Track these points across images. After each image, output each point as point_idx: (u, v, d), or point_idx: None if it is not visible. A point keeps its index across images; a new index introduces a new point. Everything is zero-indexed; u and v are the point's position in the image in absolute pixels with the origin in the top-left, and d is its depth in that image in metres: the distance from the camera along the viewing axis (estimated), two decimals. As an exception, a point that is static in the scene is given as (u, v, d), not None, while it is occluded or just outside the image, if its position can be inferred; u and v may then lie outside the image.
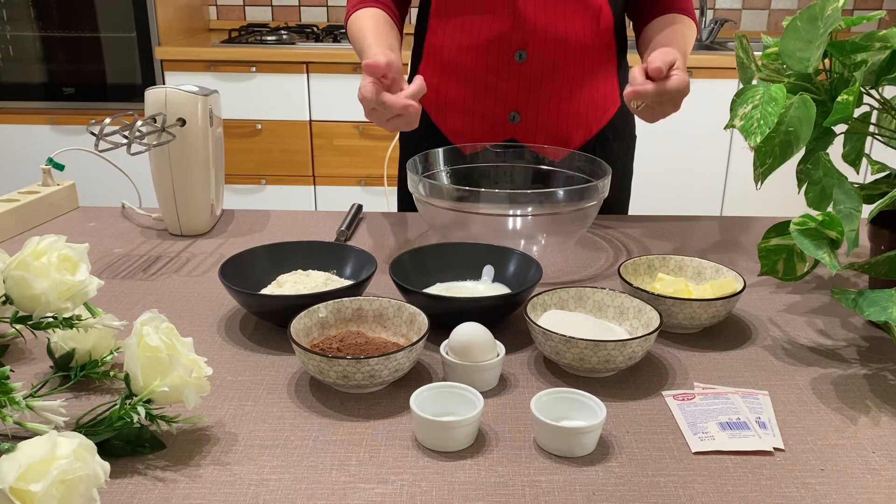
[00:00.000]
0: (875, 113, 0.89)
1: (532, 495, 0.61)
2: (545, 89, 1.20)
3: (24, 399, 0.61)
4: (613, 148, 1.28)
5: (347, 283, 0.91)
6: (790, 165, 2.40)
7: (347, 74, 2.68)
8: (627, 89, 0.95)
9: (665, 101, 0.97)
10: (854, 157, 0.91)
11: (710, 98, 2.70)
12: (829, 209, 0.82)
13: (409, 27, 2.74)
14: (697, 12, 3.09)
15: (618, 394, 0.75)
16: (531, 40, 1.16)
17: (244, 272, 0.91)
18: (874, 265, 0.82)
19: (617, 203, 1.33)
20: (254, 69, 2.68)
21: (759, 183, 0.88)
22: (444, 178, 1.16)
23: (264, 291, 0.90)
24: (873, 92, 0.86)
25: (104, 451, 0.63)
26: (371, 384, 0.72)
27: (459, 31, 1.19)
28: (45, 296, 0.66)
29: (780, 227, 0.89)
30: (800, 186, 0.91)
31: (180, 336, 0.66)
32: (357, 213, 1.23)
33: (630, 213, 1.37)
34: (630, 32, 1.26)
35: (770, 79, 0.91)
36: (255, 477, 0.63)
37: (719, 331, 0.88)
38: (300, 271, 0.93)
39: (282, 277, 0.91)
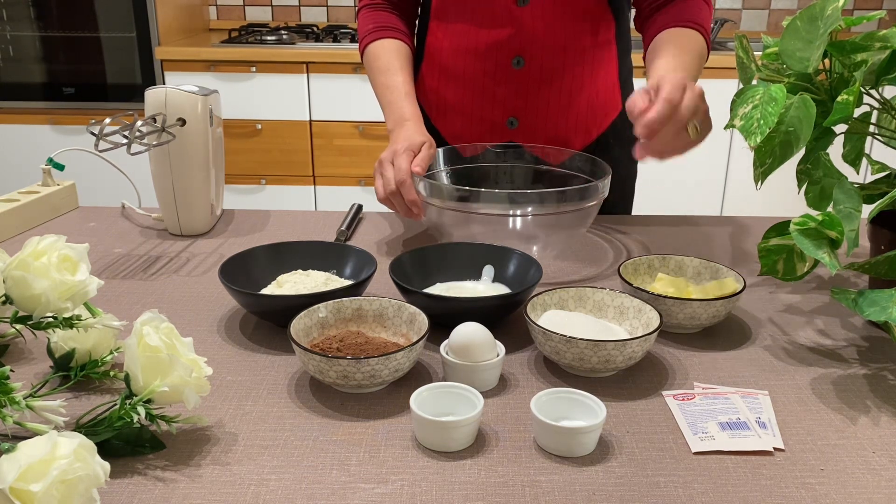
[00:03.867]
0: (875, 113, 0.89)
1: (532, 495, 0.61)
2: (543, 95, 1.19)
3: (24, 399, 0.61)
4: (615, 152, 1.27)
5: (347, 283, 0.91)
6: (790, 165, 2.41)
7: (347, 74, 2.68)
8: (638, 129, 0.84)
9: (679, 125, 0.87)
10: (854, 157, 0.91)
11: (711, 98, 2.69)
12: (829, 209, 0.82)
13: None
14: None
15: (618, 394, 0.75)
16: (529, 46, 1.16)
17: (244, 272, 0.91)
18: (874, 265, 0.82)
19: (620, 206, 1.33)
20: (254, 69, 2.68)
21: (759, 183, 0.88)
22: (444, 178, 1.16)
23: (264, 291, 0.90)
24: (873, 92, 0.86)
25: (104, 451, 0.63)
26: (371, 384, 0.72)
27: (458, 35, 1.19)
28: (45, 296, 0.66)
29: (780, 227, 0.89)
30: (800, 186, 0.91)
31: (180, 336, 0.66)
32: (357, 213, 1.22)
33: (632, 213, 1.37)
34: (634, 33, 1.25)
35: (770, 79, 0.91)
36: (255, 477, 0.63)
37: (719, 331, 0.88)
38: (300, 271, 0.93)
39: (282, 277, 0.91)
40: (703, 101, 0.91)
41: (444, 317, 0.83)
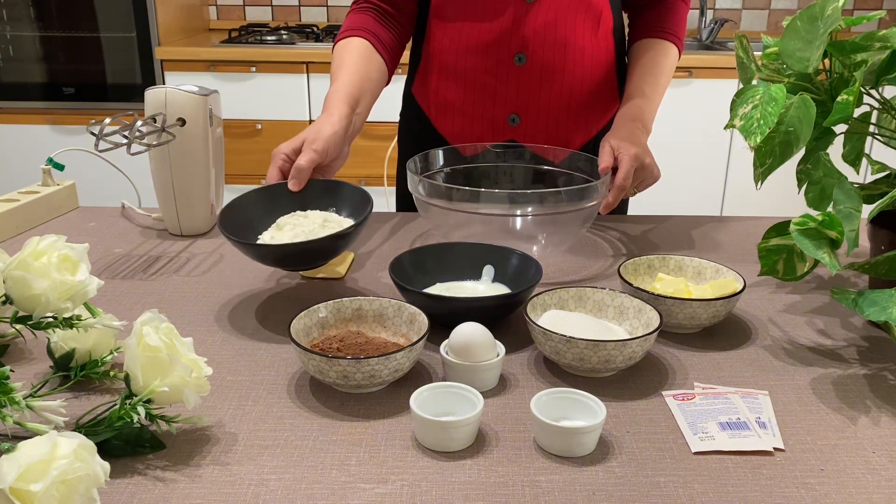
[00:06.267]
0: (875, 113, 0.89)
1: (532, 495, 0.61)
2: (544, 92, 1.19)
3: (24, 399, 0.61)
4: None
5: (348, 222, 0.92)
6: (790, 165, 2.40)
7: (347, 74, 2.68)
8: (602, 208, 1.03)
9: (638, 183, 1.08)
10: (854, 157, 0.91)
11: (710, 98, 2.70)
12: (829, 209, 0.82)
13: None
14: (697, 12, 3.10)
15: (618, 394, 0.75)
16: (530, 43, 1.16)
17: (243, 218, 0.92)
18: (874, 265, 0.82)
19: (620, 205, 1.33)
20: (254, 69, 2.68)
21: (759, 183, 0.88)
22: (444, 179, 1.16)
23: (265, 235, 0.91)
24: (873, 92, 0.86)
25: (104, 451, 0.63)
26: (371, 384, 0.72)
27: (459, 34, 1.19)
28: (45, 296, 0.66)
29: (780, 227, 0.89)
30: (800, 186, 0.91)
31: (180, 336, 0.66)
32: (357, 213, 1.22)
33: (630, 213, 1.37)
34: None
35: (770, 79, 0.91)
36: (255, 477, 0.63)
37: (719, 331, 0.88)
38: (298, 212, 0.93)
39: (281, 220, 0.92)
40: (649, 163, 1.06)
41: (444, 317, 0.83)
